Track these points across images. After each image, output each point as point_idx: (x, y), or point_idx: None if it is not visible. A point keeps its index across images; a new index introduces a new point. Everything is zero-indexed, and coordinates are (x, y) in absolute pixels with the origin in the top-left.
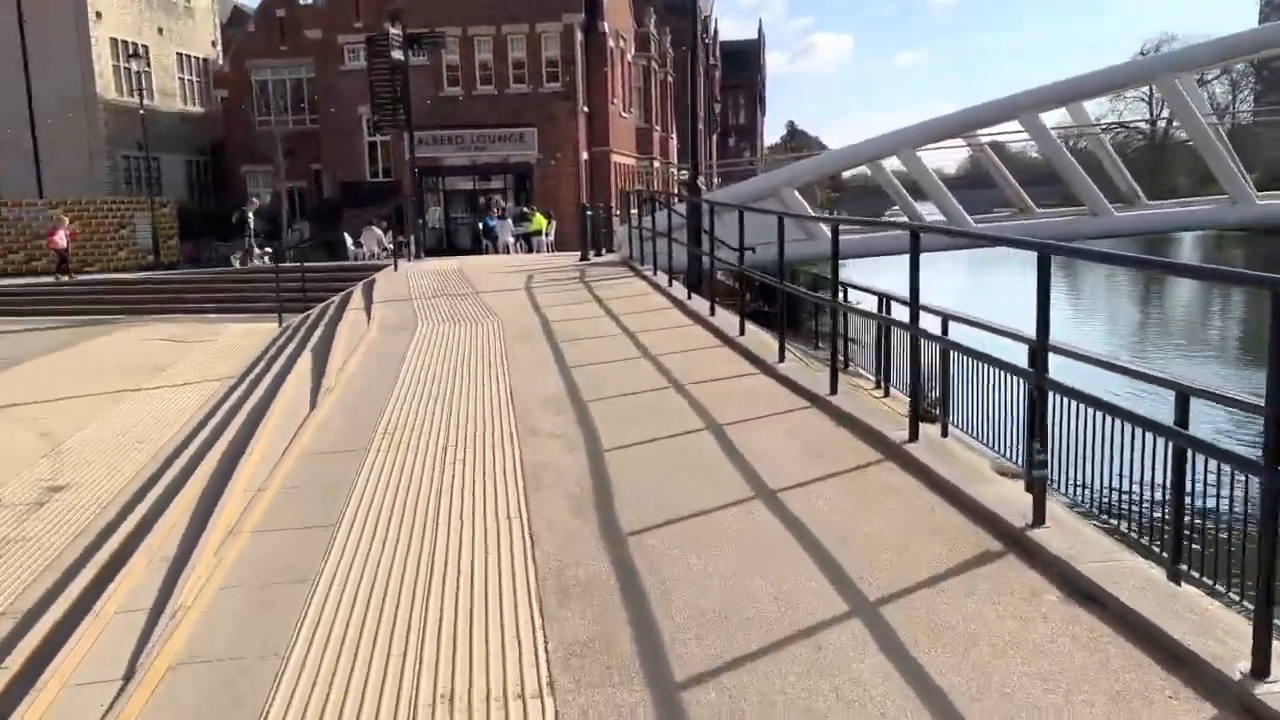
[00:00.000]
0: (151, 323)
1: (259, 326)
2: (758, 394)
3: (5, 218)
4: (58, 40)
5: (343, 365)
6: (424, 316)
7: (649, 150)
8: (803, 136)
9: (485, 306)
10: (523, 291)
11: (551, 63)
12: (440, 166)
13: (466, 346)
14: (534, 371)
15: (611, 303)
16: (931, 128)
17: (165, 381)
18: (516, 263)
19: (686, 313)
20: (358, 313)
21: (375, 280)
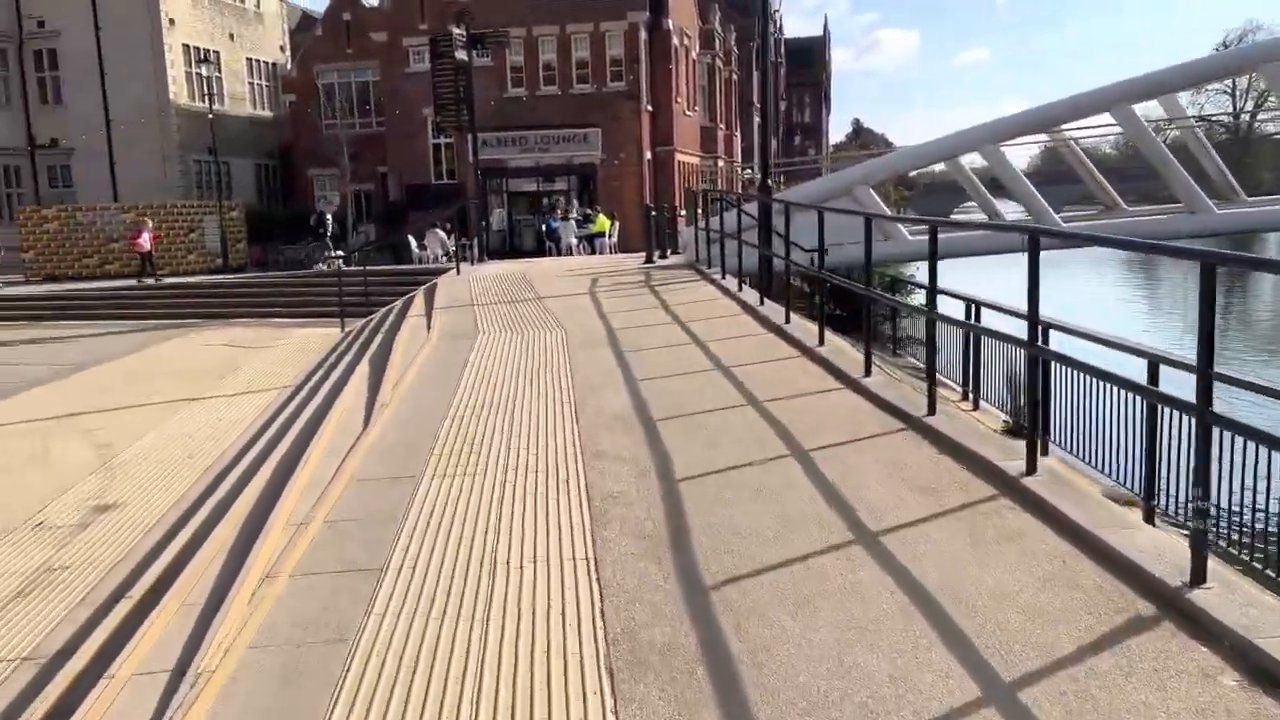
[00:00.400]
0: (217, 327)
1: (322, 331)
2: (844, 413)
3: (80, 222)
4: (133, 47)
5: (400, 378)
6: (485, 323)
7: (713, 149)
8: (868, 134)
9: (548, 312)
10: (586, 296)
11: (615, 62)
12: (504, 168)
13: (528, 357)
14: (599, 385)
15: (678, 308)
16: (1017, 122)
17: (225, 389)
18: (579, 265)
19: (758, 319)
20: (418, 319)
21: (437, 285)
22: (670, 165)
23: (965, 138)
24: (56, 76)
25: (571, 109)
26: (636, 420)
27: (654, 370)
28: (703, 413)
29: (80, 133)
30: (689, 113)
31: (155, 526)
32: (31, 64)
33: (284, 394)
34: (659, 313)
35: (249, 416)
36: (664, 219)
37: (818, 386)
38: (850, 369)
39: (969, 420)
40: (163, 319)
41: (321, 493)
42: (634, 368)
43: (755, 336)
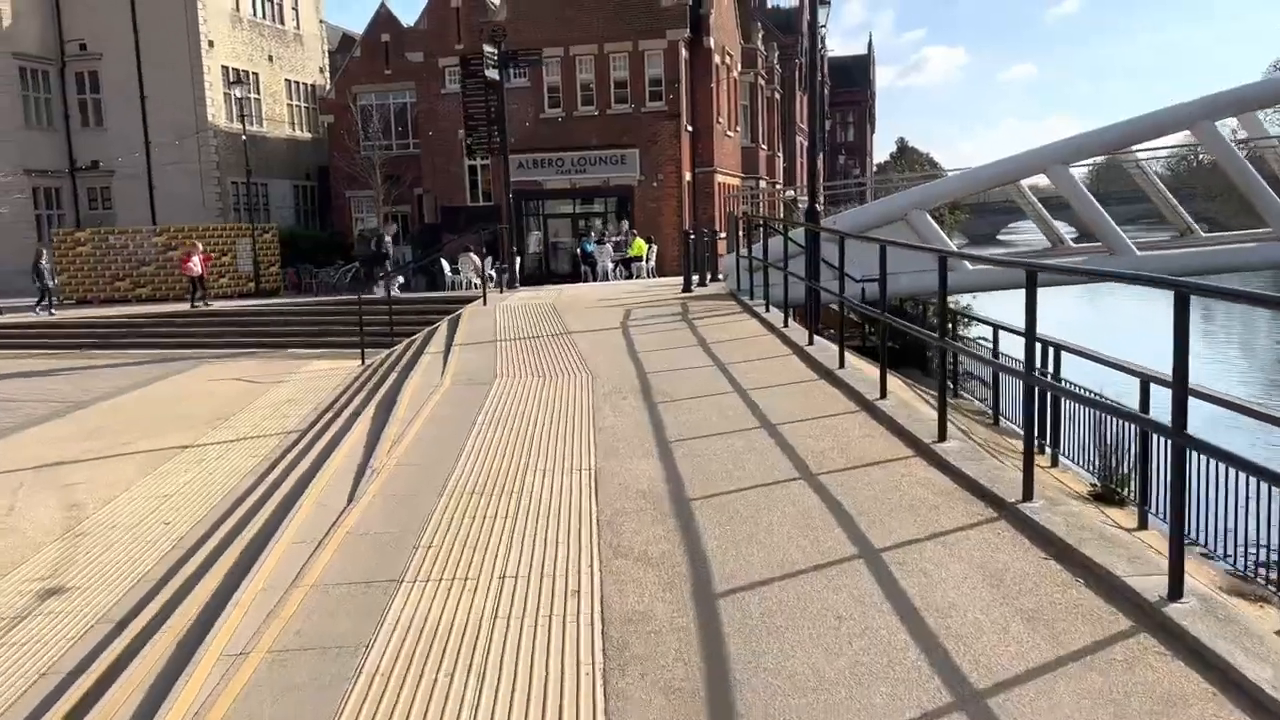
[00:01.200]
0: (232, 358)
1: (341, 364)
2: (919, 493)
3: (112, 245)
4: (172, 69)
5: (400, 436)
6: (505, 364)
7: (755, 170)
8: (913, 153)
9: (575, 351)
10: (618, 331)
11: (655, 81)
12: (540, 190)
13: (547, 410)
14: (626, 448)
15: (717, 347)
16: (1089, 141)
17: (221, 435)
18: (614, 294)
19: (808, 362)
20: (434, 358)
21: (461, 316)
22: (710, 187)
23: (1035, 158)
24: (98, 99)
25: (609, 130)
26: (667, 500)
27: (689, 427)
28: (747, 489)
29: (120, 155)
30: (730, 133)
31: (96, 625)
32: (73, 86)
33: (281, 444)
34: (696, 352)
35: (240, 469)
36: (704, 244)
37: (884, 453)
38: (921, 431)
39: (1082, 512)
40: (180, 348)
41: (275, 604)
42: (666, 424)
43: (804, 383)
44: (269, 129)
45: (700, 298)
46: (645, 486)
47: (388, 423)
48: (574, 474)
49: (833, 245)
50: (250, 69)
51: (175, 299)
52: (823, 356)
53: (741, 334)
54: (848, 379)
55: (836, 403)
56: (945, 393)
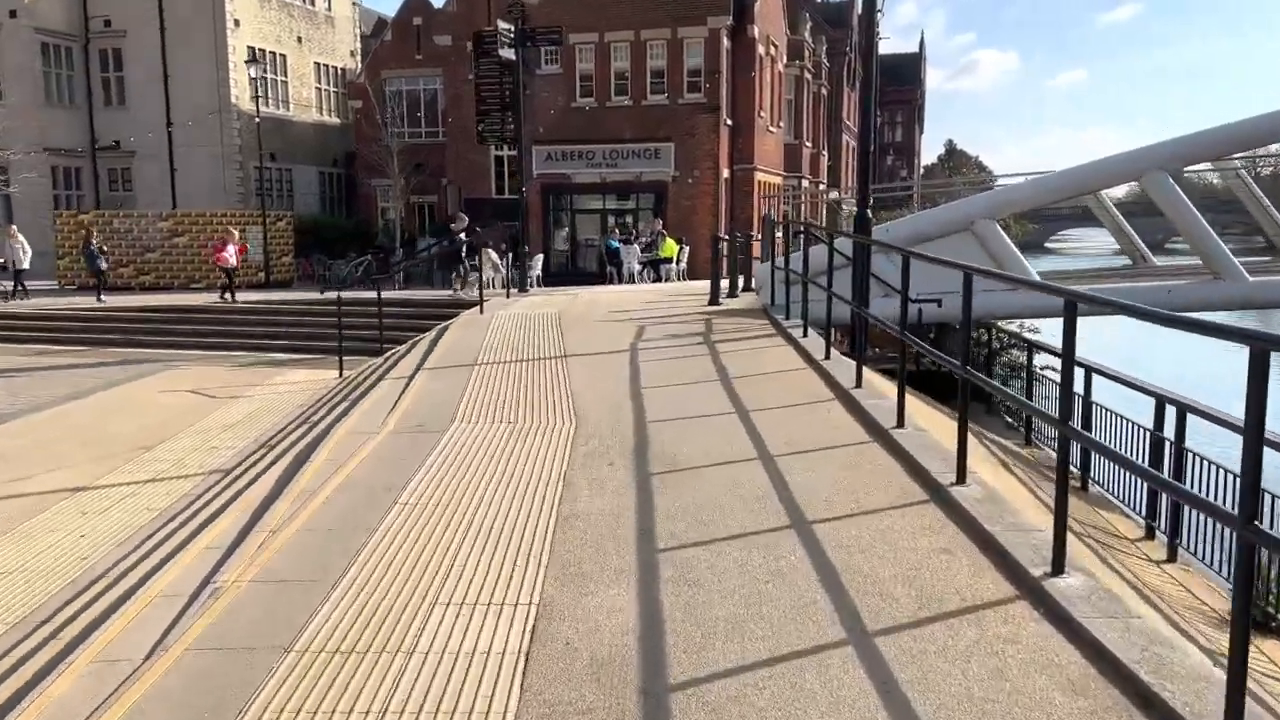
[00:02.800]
0: (205, 362)
1: (319, 375)
2: (1044, 686)
3: (116, 229)
4: (197, 48)
5: (283, 523)
6: (472, 403)
7: (798, 168)
8: (961, 155)
9: (565, 383)
10: (624, 356)
11: (694, 71)
12: (568, 184)
13: (501, 483)
14: (594, 562)
15: (742, 384)
16: (1194, 144)
17: (130, 474)
18: (632, 303)
19: (855, 413)
20: (391, 386)
21: (449, 327)
22: (749, 185)
23: (1127, 163)
24: (121, 77)
25: (644, 122)
26: (635, 686)
27: (691, 522)
28: (771, 664)
29: (143, 135)
30: (773, 128)
31: None
32: (97, 64)
33: (178, 500)
34: (714, 391)
35: (111, 535)
36: (737, 249)
37: (975, 591)
38: (1026, 553)
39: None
40: (155, 347)
41: None
42: (659, 514)
43: (851, 448)
44: (296, 113)
45: (728, 313)
46: (607, 652)
47: (282, 493)
48: (504, 617)
49: (892, 257)
50: (278, 50)
51: (180, 288)
52: (874, 405)
53: (772, 365)
54: (909, 444)
55: (894, 483)
56: (1063, 511)
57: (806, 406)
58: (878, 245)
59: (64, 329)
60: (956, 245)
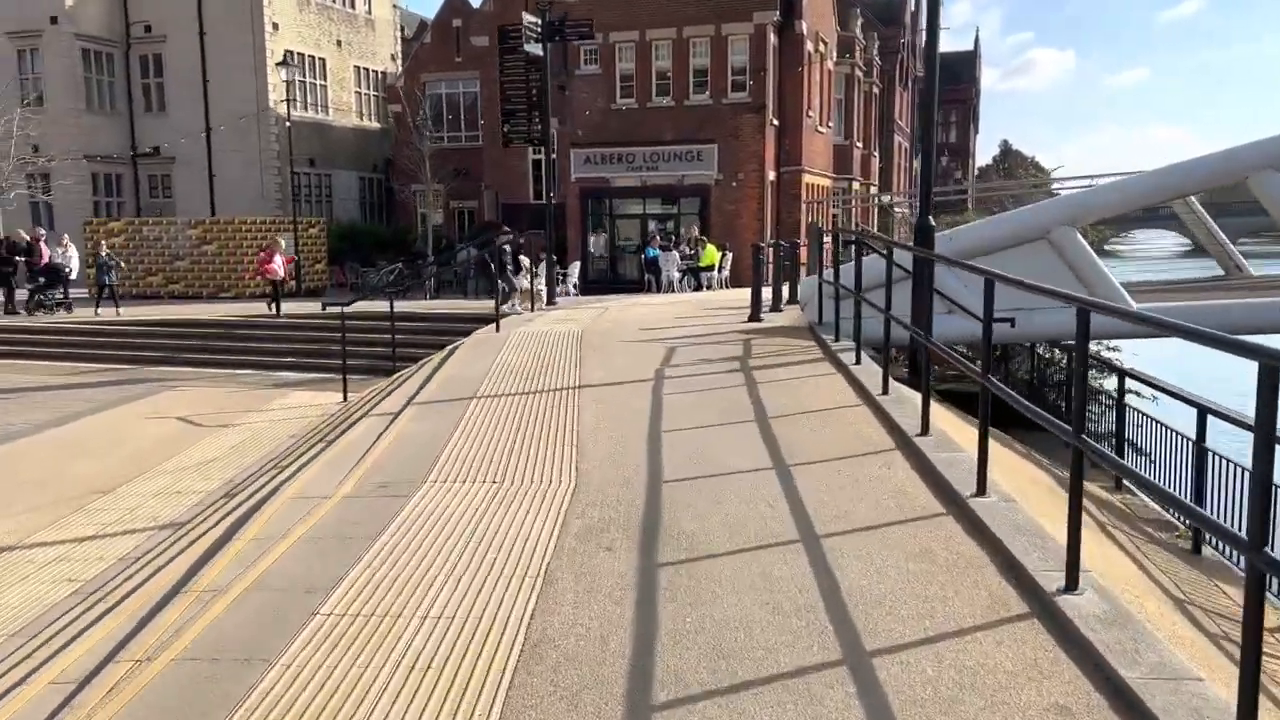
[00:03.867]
0: (208, 381)
1: (321, 398)
2: None
3: (146, 237)
4: (235, 53)
5: (177, 628)
6: (455, 453)
7: (848, 170)
8: (1016, 156)
9: (573, 424)
10: (647, 387)
11: (739, 70)
12: (607, 188)
13: (462, 576)
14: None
15: (782, 427)
16: None
17: (76, 527)
18: (666, 318)
19: (922, 471)
20: (371, 426)
21: (457, 350)
22: (797, 188)
23: (1231, 162)
24: (161, 83)
25: (685, 122)
26: None
27: (708, 647)
28: None
29: (182, 141)
30: (821, 129)
31: None
32: (137, 69)
33: (90, 581)
34: (748, 435)
35: (22, 611)
36: (782, 259)
37: None
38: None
39: None
40: (162, 363)
41: None
42: (664, 636)
43: (923, 524)
44: (335, 117)
45: (769, 331)
46: None
47: (181, 590)
48: None
49: (955, 269)
50: (316, 54)
51: (209, 297)
52: (945, 460)
53: (818, 400)
54: (995, 522)
55: (981, 585)
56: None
57: (861, 460)
58: (952, 266)
59: (70, 344)
60: (1029, 256)
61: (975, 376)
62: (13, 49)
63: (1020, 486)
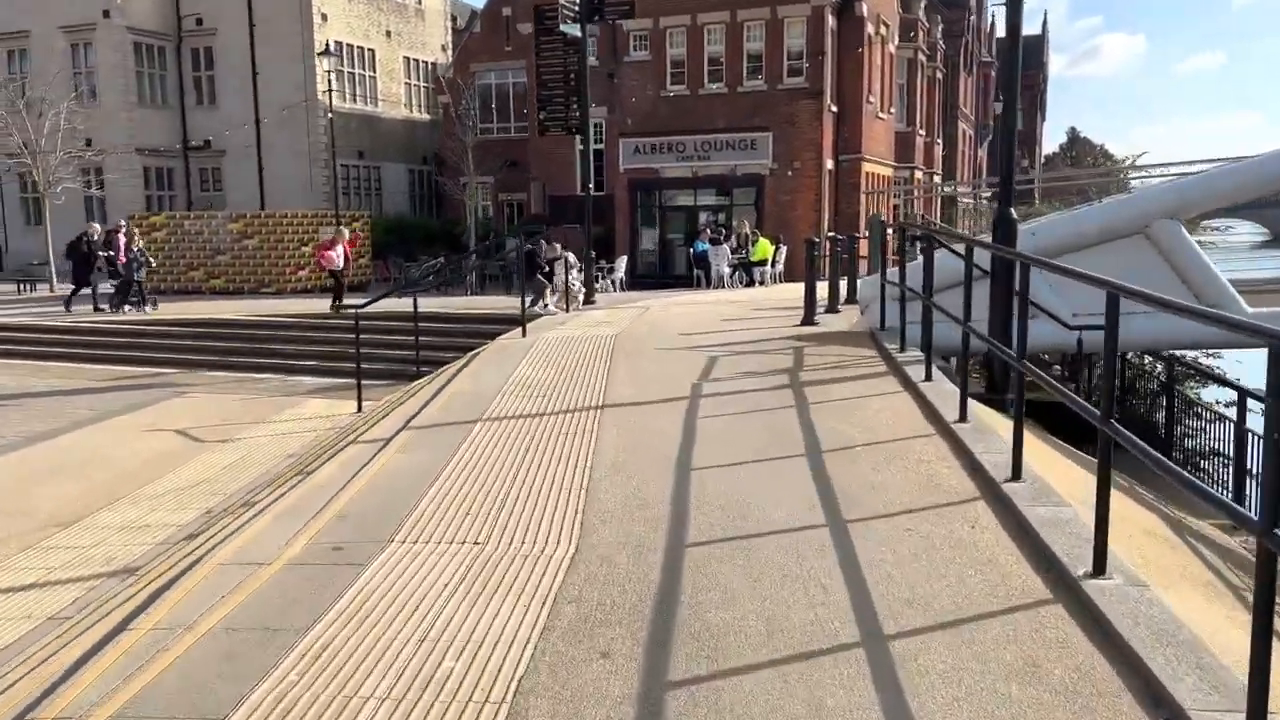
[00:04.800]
0: (219, 386)
1: (334, 408)
2: None
3: (188, 231)
4: (284, 45)
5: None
6: (440, 496)
7: (910, 158)
8: (1084, 144)
9: (586, 458)
10: (680, 407)
11: (794, 54)
12: (657, 179)
13: (409, 691)
14: None
15: (839, 463)
16: None
17: (14, 574)
18: (711, 320)
19: (1023, 540)
20: (353, 456)
21: (476, 358)
22: (856, 177)
23: None
24: (212, 76)
25: (739, 109)
26: None
27: None
28: None
29: (233, 134)
30: (882, 115)
31: None
32: (189, 63)
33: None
34: (796, 478)
35: None
36: (839, 255)
37: None
38: None
39: None
40: (178, 366)
41: None
42: None
43: (1024, 615)
44: (384, 109)
45: (825, 338)
46: None
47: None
48: None
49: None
50: (365, 44)
51: (250, 292)
52: (1046, 519)
53: (882, 428)
54: (1121, 618)
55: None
56: None
57: (936, 514)
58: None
59: (90, 345)
60: (1124, 254)
61: (1093, 420)
62: (66, 43)
63: (1140, 548)
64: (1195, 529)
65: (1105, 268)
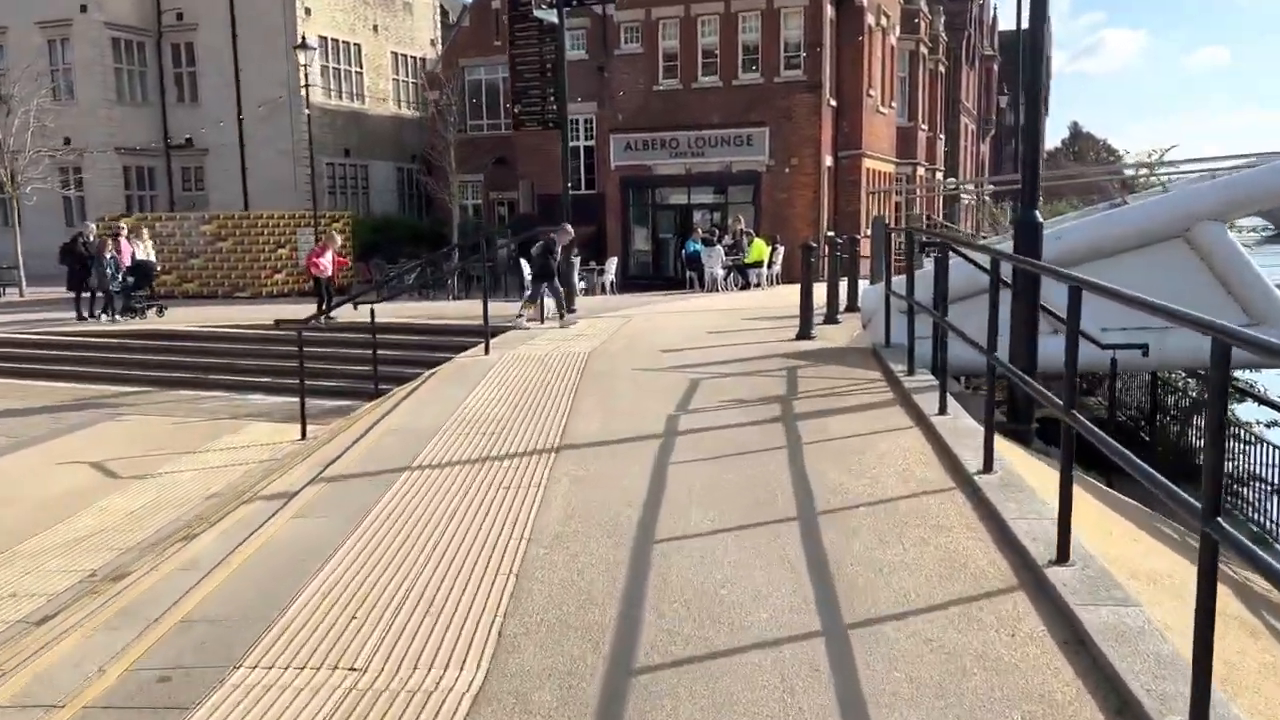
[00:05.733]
0: (159, 406)
1: (277, 435)
2: None
3: (159, 233)
4: (267, 39)
5: None
6: (321, 593)
7: (912, 154)
8: (1087, 139)
9: (525, 528)
10: (650, 450)
11: (792, 46)
12: (649, 176)
13: None
14: None
15: (837, 530)
16: None
17: None
18: (696, 332)
19: (1081, 658)
20: (250, 515)
21: (427, 381)
22: (857, 174)
23: None
24: (193, 72)
25: (734, 104)
26: None
27: None
28: None
29: (215, 132)
30: (883, 109)
31: None
32: (169, 59)
33: None
34: (784, 551)
35: None
36: (840, 254)
37: None
38: None
39: None
40: (121, 383)
41: None
42: None
43: None
44: (371, 106)
45: (823, 355)
46: None
47: None
48: None
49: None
50: (352, 39)
51: (224, 297)
52: (1110, 630)
53: (890, 480)
54: None
55: None
56: None
57: (964, 613)
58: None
59: (35, 359)
60: (1162, 258)
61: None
62: (43, 39)
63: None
64: None
65: (1139, 275)
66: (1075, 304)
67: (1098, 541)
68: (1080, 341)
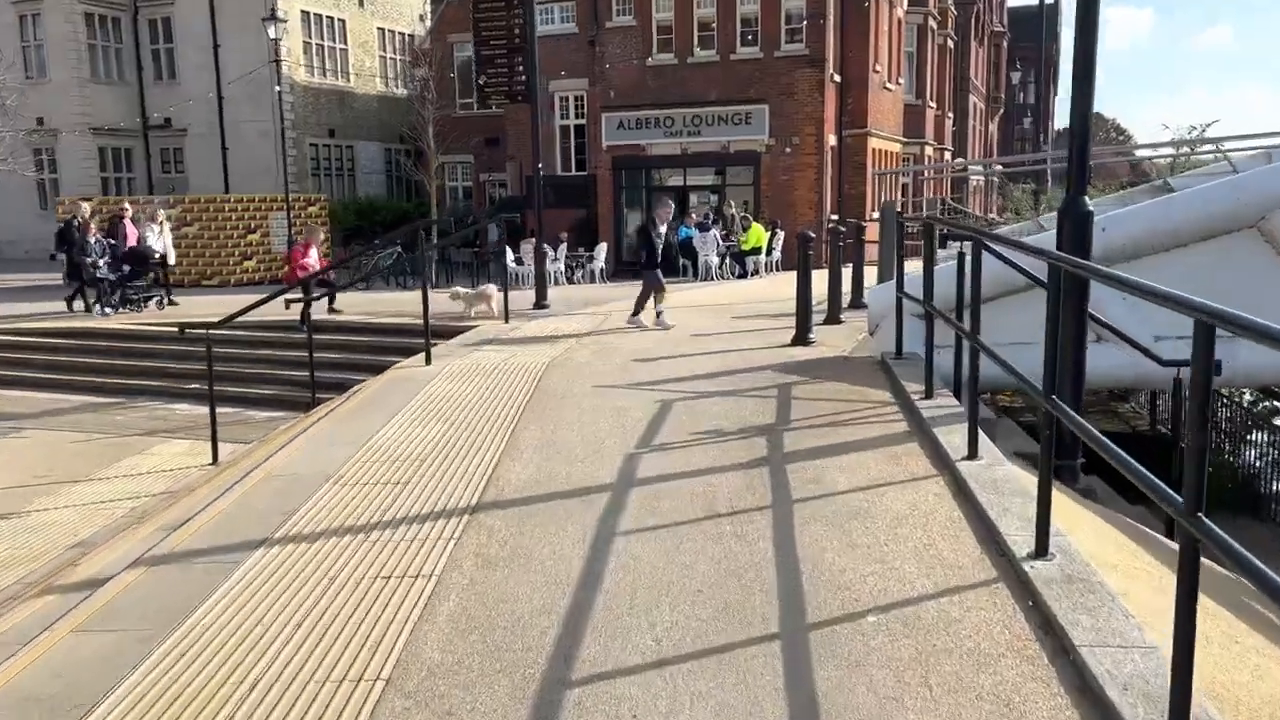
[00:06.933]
0: (73, 417)
1: (187, 458)
2: None
3: None
4: (247, 15)
5: None
6: None
7: (920, 133)
8: (1096, 118)
9: (393, 649)
10: (596, 509)
11: (794, 17)
12: (644, 156)
13: None
14: None
15: (838, 659)
16: None
17: None
18: (674, 338)
19: None
20: (32, 616)
21: (348, 400)
22: (862, 154)
23: None
24: (171, 49)
25: (732, 80)
26: None
27: None
28: None
29: (194, 112)
30: (890, 85)
31: None
32: (146, 35)
33: None
34: (757, 693)
35: None
36: (839, 248)
37: None
38: None
39: None
40: (38, 388)
41: None
42: None
43: None
44: (357, 84)
45: (821, 367)
46: None
47: None
48: None
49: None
50: (335, 14)
51: (190, 286)
52: None
53: (909, 569)
54: None
55: None
56: None
57: None
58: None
59: None
60: (1230, 252)
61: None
62: (14, 14)
63: None
64: None
65: (1203, 271)
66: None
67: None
68: (1119, 346)
